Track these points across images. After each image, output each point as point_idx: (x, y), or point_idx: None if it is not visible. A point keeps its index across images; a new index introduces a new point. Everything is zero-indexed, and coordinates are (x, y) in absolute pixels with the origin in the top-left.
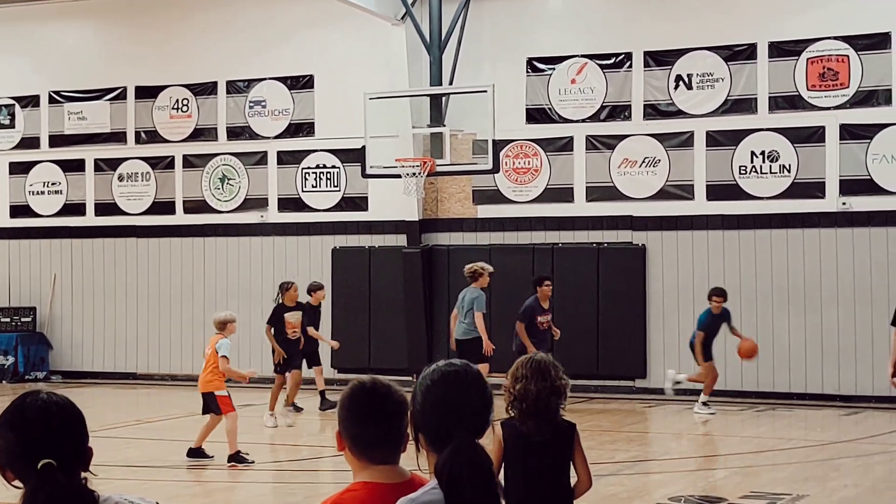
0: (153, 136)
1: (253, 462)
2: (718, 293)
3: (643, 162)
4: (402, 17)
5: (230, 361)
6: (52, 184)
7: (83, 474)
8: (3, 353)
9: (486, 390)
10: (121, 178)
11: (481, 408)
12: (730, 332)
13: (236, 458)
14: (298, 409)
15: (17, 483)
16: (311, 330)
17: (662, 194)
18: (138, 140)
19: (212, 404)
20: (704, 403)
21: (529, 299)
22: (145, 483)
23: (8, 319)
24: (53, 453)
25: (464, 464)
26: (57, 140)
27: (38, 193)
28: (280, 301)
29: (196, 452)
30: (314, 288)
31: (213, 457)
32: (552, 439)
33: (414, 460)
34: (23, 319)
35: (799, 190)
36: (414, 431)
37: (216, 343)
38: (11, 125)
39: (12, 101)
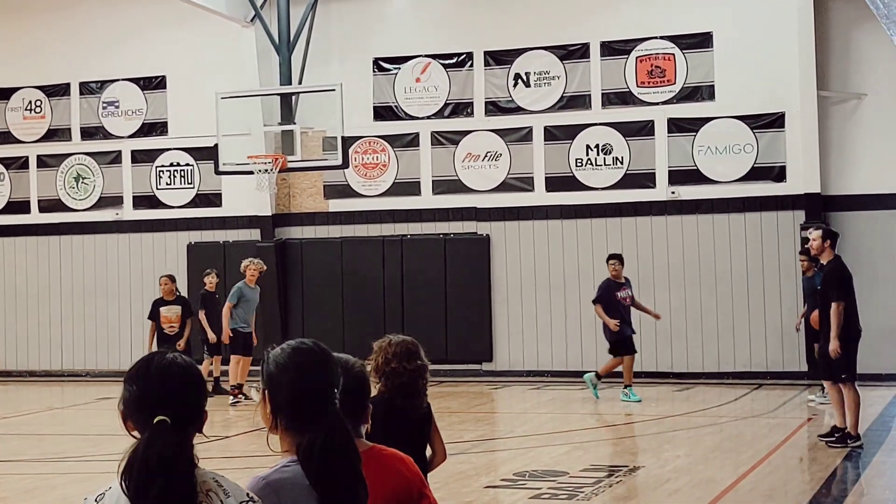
0: (6, 137)
1: None
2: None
3: (485, 156)
4: (252, 19)
5: None
6: None
7: (195, 436)
8: None
9: (338, 369)
10: None
11: (340, 386)
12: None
13: None
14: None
15: (135, 434)
16: (201, 317)
17: (504, 186)
18: None
19: None
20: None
21: (604, 280)
22: (4, 477)
23: None
24: (170, 411)
25: (335, 443)
26: None
27: None
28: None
29: None
30: (205, 274)
31: None
32: (424, 416)
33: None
34: None
35: (631, 180)
36: (272, 411)
37: None
38: None
39: None
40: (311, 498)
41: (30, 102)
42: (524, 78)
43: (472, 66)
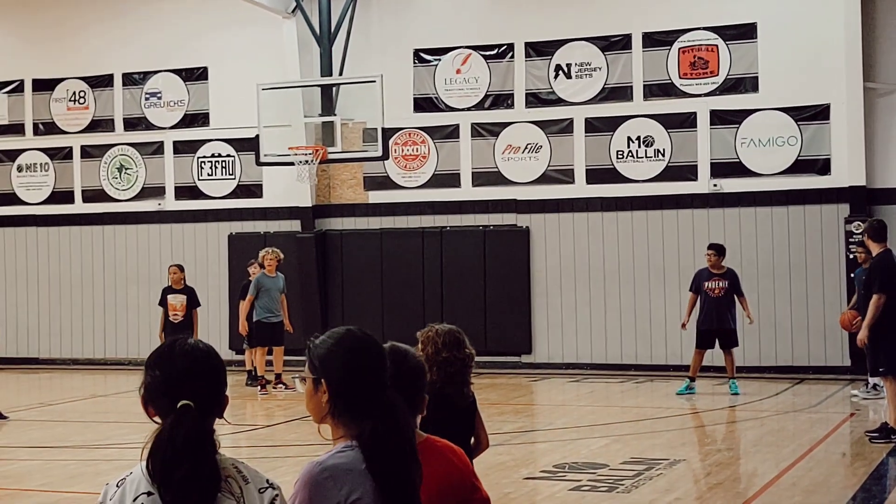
0: (51, 128)
1: None
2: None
3: (526, 148)
4: (293, 11)
5: None
6: None
7: (217, 420)
8: None
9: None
10: (20, 169)
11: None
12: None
13: None
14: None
15: (156, 419)
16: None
17: (544, 178)
18: (36, 131)
19: None
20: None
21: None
22: (49, 463)
23: None
24: (193, 395)
25: (399, 429)
26: None
27: None
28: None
29: None
30: (248, 264)
31: None
32: (470, 405)
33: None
34: None
35: (673, 173)
36: (329, 399)
37: None
38: None
39: None
40: (366, 482)
41: (74, 93)
42: (565, 69)
43: (512, 57)
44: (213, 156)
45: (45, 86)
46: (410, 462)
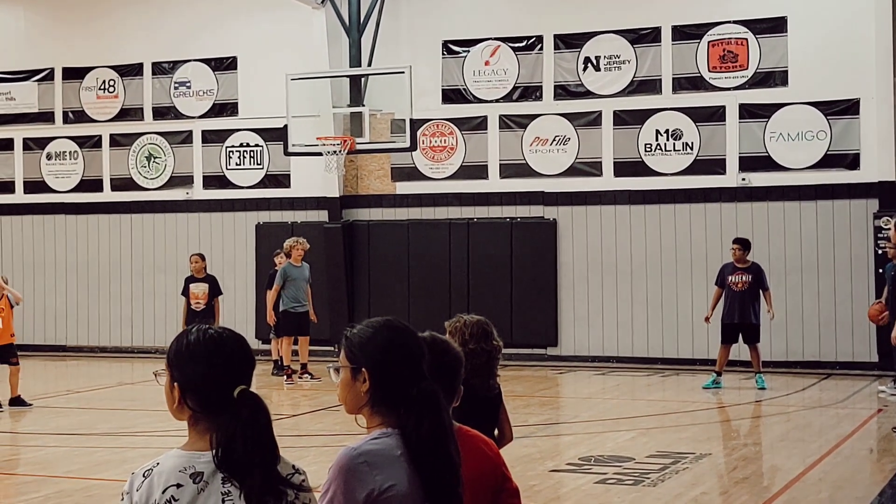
0: (80, 116)
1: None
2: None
3: (554, 140)
4: (323, 1)
5: None
6: None
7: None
8: None
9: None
10: (49, 157)
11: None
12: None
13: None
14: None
15: (185, 417)
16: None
17: (572, 171)
18: (66, 120)
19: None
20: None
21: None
22: (75, 450)
23: None
24: (242, 381)
25: (440, 419)
26: None
27: None
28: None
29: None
30: (275, 254)
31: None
32: (495, 397)
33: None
34: None
35: (701, 166)
36: (372, 386)
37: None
38: None
39: None
40: (402, 470)
41: (104, 82)
42: (594, 62)
43: (541, 49)
44: (241, 145)
45: (75, 74)
46: (452, 450)
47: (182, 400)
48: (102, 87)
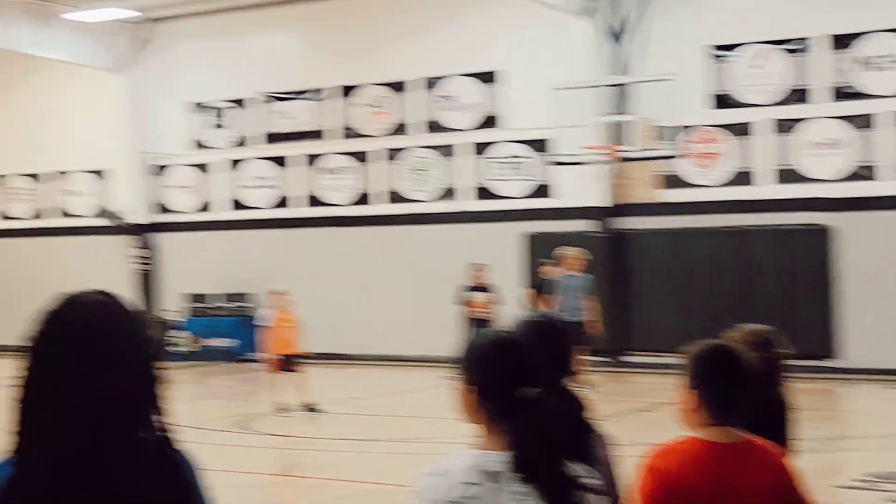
0: (353, 132)
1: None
2: None
3: (827, 143)
4: (585, 11)
5: None
6: (261, 178)
7: None
8: (226, 336)
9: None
10: (324, 172)
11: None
12: None
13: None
14: None
15: (479, 420)
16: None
17: (848, 175)
18: (341, 136)
19: None
20: None
21: None
22: (358, 455)
23: (232, 305)
24: (529, 382)
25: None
26: (266, 138)
27: (249, 187)
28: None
29: None
30: (540, 264)
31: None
32: (779, 408)
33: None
34: (242, 305)
35: None
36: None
37: None
38: (227, 125)
39: (230, 103)
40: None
41: (374, 98)
42: (868, 61)
43: (811, 50)
44: (507, 156)
45: (348, 92)
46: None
47: (476, 402)
48: (373, 103)
